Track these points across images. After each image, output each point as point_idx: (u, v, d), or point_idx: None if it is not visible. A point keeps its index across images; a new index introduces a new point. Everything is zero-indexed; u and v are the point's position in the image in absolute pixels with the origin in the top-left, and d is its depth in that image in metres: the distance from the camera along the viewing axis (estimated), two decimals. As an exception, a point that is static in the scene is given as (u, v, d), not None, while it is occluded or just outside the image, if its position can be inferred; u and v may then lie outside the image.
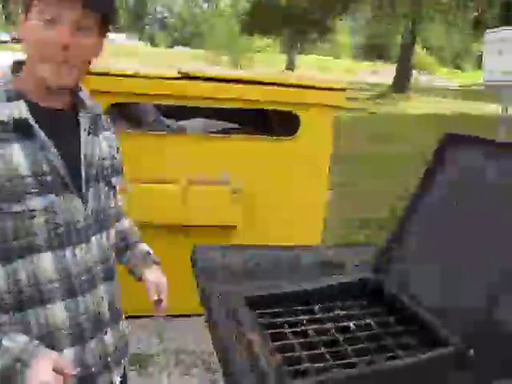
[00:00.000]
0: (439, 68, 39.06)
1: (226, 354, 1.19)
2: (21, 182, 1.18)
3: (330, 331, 1.34)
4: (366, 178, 7.66)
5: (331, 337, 1.32)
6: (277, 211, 3.42)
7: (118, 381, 1.43)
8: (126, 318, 1.51)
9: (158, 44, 52.37)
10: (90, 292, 1.31)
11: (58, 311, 1.25)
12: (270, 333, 1.30)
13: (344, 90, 3.39)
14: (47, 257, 1.23)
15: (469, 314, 1.24)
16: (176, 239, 3.15)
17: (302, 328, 1.36)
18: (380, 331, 1.34)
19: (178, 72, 3.27)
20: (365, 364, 1.18)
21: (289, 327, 1.36)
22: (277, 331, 1.33)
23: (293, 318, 1.41)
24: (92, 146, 1.33)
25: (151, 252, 1.65)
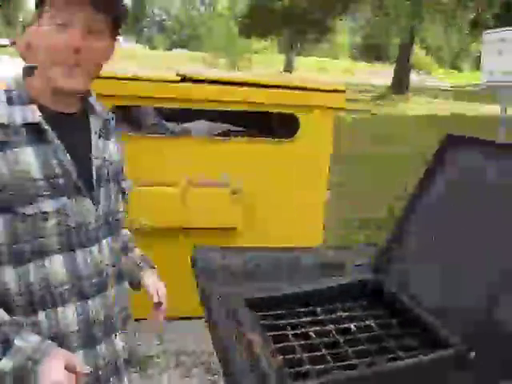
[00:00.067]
0: (437, 68, 39.04)
1: (226, 354, 1.18)
2: (33, 184, 1.19)
3: (331, 333, 1.34)
4: (364, 179, 7.66)
5: (332, 338, 1.32)
6: (277, 213, 3.41)
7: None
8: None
9: (156, 47, 52.33)
10: (100, 294, 1.31)
11: (68, 314, 1.25)
12: (270, 334, 1.29)
13: (344, 91, 3.39)
14: (58, 259, 1.23)
15: (468, 315, 1.24)
16: (176, 241, 3.15)
17: (302, 330, 1.35)
18: (381, 333, 1.34)
19: (177, 74, 3.27)
20: (365, 365, 1.18)
21: (289, 329, 1.36)
22: (277, 333, 1.32)
23: (293, 320, 1.40)
24: (103, 149, 1.34)
25: (147, 257, 1.65)
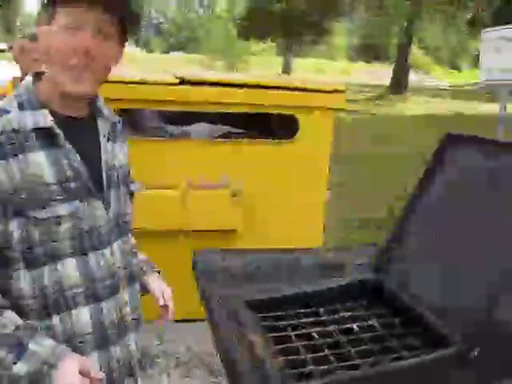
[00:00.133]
0: (435, 68, 39.03)
1: (228, 356, 1.18)
2: (46, 189, 1.19)
3: (333, 333, 1.34)
4: (364, 179, 7.66)
5: (334, 339, 1.31)
6: (277, 214, 3.41)
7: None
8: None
9: (153, 50, 52.30)
10: (113, 297, 1.32)
11: (82, 316, 1.26)
12: (271, 336, 1.29)
13: (344, 91, 3.39)
14: (71, 262, 1.24)
15: (469, 314, 1.24)
16: (176, 244, 3.15)
17: (303, 331, 1.35)
18: (383, 332, 1.34)
19: (176, 77, 3.27)
20: (369, 365, 1.18)
21: (290, 330, 1.36)
22: (278, 334, 1.32)
23: (294, 321, 1.40)
24: (112, 151, 1.35)
25: (151, 261, 1.65)
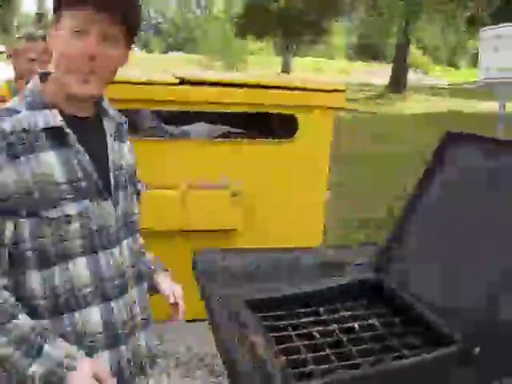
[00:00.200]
0: (434, 67, 39.02)
1: (230, 356, 1.18)
2: (56, 188, 1.20)
3: (334, 332, 1.34)
4: (364, 178, 7.65)
5: (335, 338, 1.31)
6: (277, 213, 3.40)
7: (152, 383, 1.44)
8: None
9: (152, 50, 52.24)
10: (122, 296, 1.32)
11: (93, 316, 1.27)
12: (273, 335, 1.29)
13: (344, 91, 3.39)
14: (82, 262, 1.25)
15: (469, 313, 1.24)
16: (176, 244, 3.14)
17: (304, 330, 1.35)
18: (384, 331, 1.34)
19: (175, 77, 3.26)
20: (369, 365, 1.18)
21: (291, 329, 1.36)
22: (279, 334, 1.32)
23: (295, 321, 1.40)
24: (119, 150, 1.36)
25: (159, 260, 1.65)
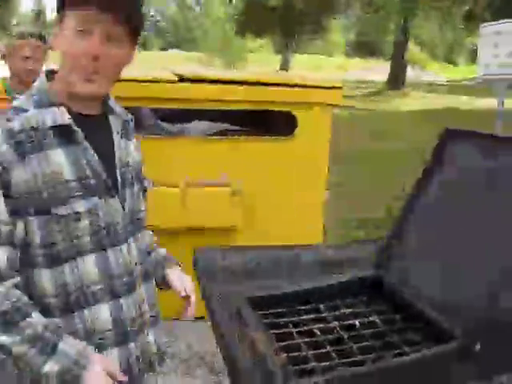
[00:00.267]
0: (432, 63, 39.00)
1: (230, 353, 1.19)
2: (65, 186, 1.20)
3: (335, 330, 1.34)
4: (362, 178, 7.64)
5: (336, 335, 1.31)
6: (276, 211, 3.41)
7: (161, 380, 1.45)
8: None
9: (150, 47, 52.16)
10: (131, 293, 1.33)
11: (102, 313, 1.27)
12: (273, 333, 1.29)
13: (341, 88, 3.39)
14: (91, 259, 1.25)
15: (469, 309, 1.24)
16: (176, 242, 3.14)
17: (305, 327, 1.35)
18: (385, 328, 1.34)
19: (175, 74, 3.26)
20: (371, 361, 1.18)
21: (291, 327, 1.36)
22: (280, 331, 1.32)
23: (295, 318, 1.40)
24: (125, 148, 1.36)
25: (171, 255, 1.65)
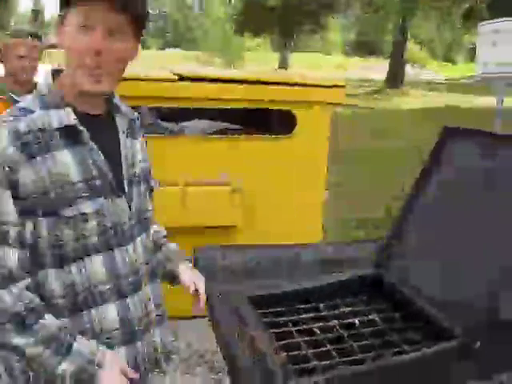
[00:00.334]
0: (431, 62, 39.02)
1: (230, 352, 1.19)
2: (72, 187, 1.20)
3: (335, 328, 1.34)
4: (362, 177, 7.63)
5: (336, 334, 1.31)
6: (276, 210, 3.40)
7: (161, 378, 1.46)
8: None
9: (149, 46, 52.14)
10: (137, 292, 1.33)
11: (109, 312, 1.28)
12: (273, 332, 1.29)
13: (344, 86, 3.38)
14: (98, 259, 1.25)
15: (469, 307, 1.24)
16: (176, 241, 3.14)
17: (304, 326, 1.35)
18: (384, 327, 1.34)
19: (174, 73, 3.25)
20: (371, 360, 1.18)
21: (291, 325, 1.36)
22: (280, 330, 1.32)
23: (295, 317, 1.40)
24: (131, 147, 1.36)
25: (181, 251, 1.65)
